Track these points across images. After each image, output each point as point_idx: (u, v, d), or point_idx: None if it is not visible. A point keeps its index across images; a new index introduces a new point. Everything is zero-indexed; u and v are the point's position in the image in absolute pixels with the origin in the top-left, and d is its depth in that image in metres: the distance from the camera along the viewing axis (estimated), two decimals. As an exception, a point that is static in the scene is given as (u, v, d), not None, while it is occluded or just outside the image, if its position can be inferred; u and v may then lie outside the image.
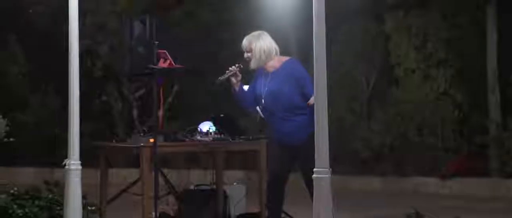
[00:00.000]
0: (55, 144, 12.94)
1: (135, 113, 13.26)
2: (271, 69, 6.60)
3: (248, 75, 6.81)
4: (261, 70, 6.65)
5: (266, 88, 6.57)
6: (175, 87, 12.83)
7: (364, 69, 12.09)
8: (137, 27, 7.50)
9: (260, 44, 6.59)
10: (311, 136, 5.50)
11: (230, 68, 6.65)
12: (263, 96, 6.58)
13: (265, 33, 6.69)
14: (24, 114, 13.14)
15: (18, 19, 13.37)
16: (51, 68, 13.05)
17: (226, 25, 12.71)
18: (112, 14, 12.85)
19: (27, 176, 12.51)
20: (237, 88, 6.66)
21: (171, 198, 7.86)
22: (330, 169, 5.13)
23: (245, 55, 6.64)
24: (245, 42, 6.65)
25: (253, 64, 6.61)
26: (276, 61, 6.60)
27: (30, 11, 13.26)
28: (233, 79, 6.64)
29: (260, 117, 7.11)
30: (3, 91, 13.13)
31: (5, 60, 13.68)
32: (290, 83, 6.49)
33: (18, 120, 12.18)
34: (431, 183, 11.26)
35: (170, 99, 12.57)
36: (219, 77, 6.67)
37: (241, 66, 6.63)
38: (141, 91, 13.15)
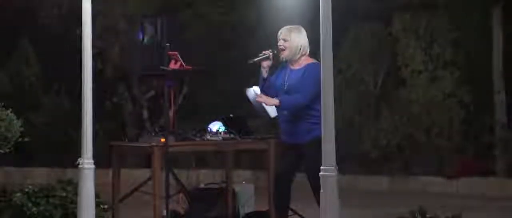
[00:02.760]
0: (66, 145, 13.12)
1: (145, 113, 13.43)
2: (296, 67, 6.65)
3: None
4: (286, 65, 6.71)
5: (287, 84, 6.61)
6: (185, 89, 12.97)
7: (372, 70, 12.20)
8: (148, 28, 7.64)
9: (299, 38, 6.63)
10: (319, 140, 5.64)
11: (264, 51, 6.66)
12: (284, 90, 6.61)
13: (303, 29, 6.70)
14: (36, 114, 13.30)
15: (31, 21, 13.52)
16: (62, 70, 13.23)
17: (235, 26, 12.85)
18: (122, 16, 13.01)
19: (39, 176, 12.67)
20: (265, 75, 6.68)
21: (181, 197, 7.99)
22: (337, 167, 5.23)
23: (280, 43, 6.62)
24: (284, 31, 6.64)
25: (286, 55, 6.63)
26: (303, 60, 6.65)
27: (42, 14, 13.42)
28: (264, 64, 6.66)
29: (269, 117, 7.23)
30: (16, 92, 13.29)
31: (18, 62, 13.84)
32: (309, 85, 6.52)
33: (30, 120, 12.34)
34: (438, 183, 11.38)
35: (179, 100, 12.70)
36: (253, 59, 6.69)
37: (275, 52, 6.64)
38: (152, 93, 13.31)
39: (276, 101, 6.56)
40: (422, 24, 11.75)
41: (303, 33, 6.67)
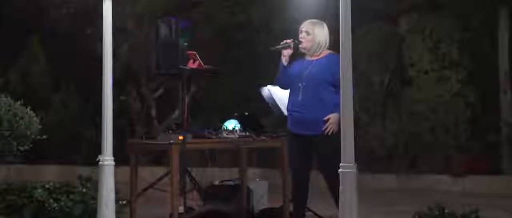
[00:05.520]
0: (76, 142, 13.25)
1: (153, 112, 13.54)
2: (315, 57, 6.77)
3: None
4: (302, 57, 6.82)
5: (307, 72, 6.71)
6: (193, 88, 13.07)
7: (379, 70, 12.32)
8: (163, 28, 7.76)
9: (322, 34, 6.77)
10: (327, 135, 5.77)
11: (286, 40, 6.78)
12: (302, 79, 6.70)
13: (325, 24, 6.82)
14: (47, 113, 13.39)
15: (40, 20, 13.62)
16: (72, 69, 13.35)
17: (242, 26, 12.96)
18: (132, 16, 13.12)
19: (50, 173, 12.76)
20: (284, 62, 6.80)
21: (195, 194, 8.12)
22: (356, 164, 5.33)
23: (302, 35, 6.76)
24: (307, 25, 6.78)
25: (307, 47, 6.75)
26: (323, 52, 6.79)
27: (52, 12, 13.52)
28: (285, 52, 6.78)
29: (283, 115, 7.34)
30: (27, 91, 13.37)
31: (28, 61, 13.94)
32: (326, 74, 6.65)
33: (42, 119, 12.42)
34: (444, 181, 11.49)
35: (188, 99, 12.78)
36: (275, 46, 6.79)
37: (296, 41, 6.77)
38: (160, 91, 13.43)
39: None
40: (429, 24, 11.87)
41: (326, 29, 6.81)
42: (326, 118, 6.60)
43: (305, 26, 6.79)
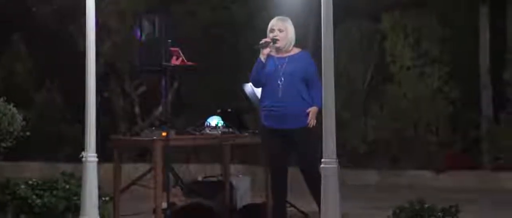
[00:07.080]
0: (58, 140, 13.24)
1: (137, 109, 13.55)
2: (285, 54, 6.85)
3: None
4: (273, 56, 6.88)
5: (284, 69, 6.79)
6: (175, 85, 13.09)
7: (361, 67, 12.39)
8: (146, 25, 7.78)
9: (292, 30, 6.88)
10: (306, 129, 5.80)
11: (265, 39, 6.84)
12: (279, 75, 6.77)
13: None
14: (29, 110, 13.38)
15: (23, 18, 13.59)
16: (55, 66, 13.33)
17: (225, 23, 12.99)
18: (115, 13, 13.12)
19: (32, 170, 12.75)
20: (263, 60, 6.85)
21: (178, 190, 8.15)
22: (338, 160, 5.39)
23: (275, 33, 6.82)
24: (278, 22, 6.86)
25: (282, 44, 6.83)
26: (292, 48, 6.90)
27: (34, 9, 13.48)
28: (264, 51, 6.83)
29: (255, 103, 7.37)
30: (10, 89, 13.36)
31: (11, 59, 13.91)
32: (301, 71, 6.77)
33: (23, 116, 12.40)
34: (425, 177, 11.58)
35: (170, 96, 12.81)
36: (257, 45, 6.87)
37: (274, 39, 6.83)
38: (143, 88, 13.44)
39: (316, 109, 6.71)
40: (411, 22, 11.95)
41: (292, 25, 6.92)
42: (308, 111, 6.70)
43: (277, 24, 6.87)
